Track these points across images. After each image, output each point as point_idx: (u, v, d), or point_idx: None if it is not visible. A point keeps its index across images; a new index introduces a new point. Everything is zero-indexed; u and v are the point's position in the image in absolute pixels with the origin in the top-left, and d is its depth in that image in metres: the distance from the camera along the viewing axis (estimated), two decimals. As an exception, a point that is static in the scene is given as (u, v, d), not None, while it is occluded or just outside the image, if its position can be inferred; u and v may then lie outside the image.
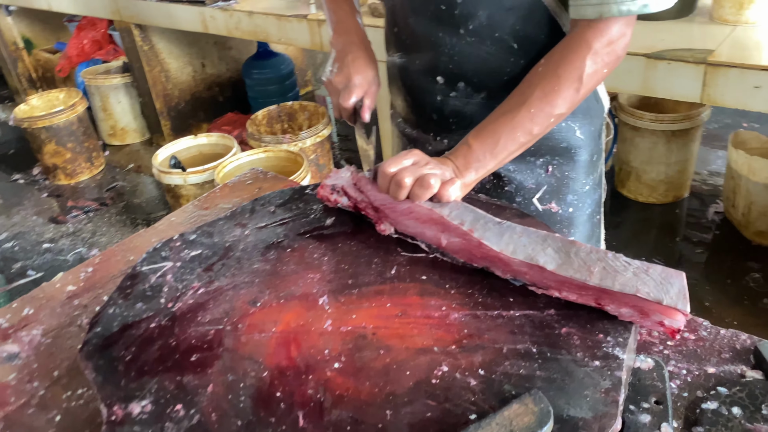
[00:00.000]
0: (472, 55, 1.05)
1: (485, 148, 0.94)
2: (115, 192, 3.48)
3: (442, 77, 1.10)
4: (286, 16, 2.59)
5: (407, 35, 1.12)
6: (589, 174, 1.17)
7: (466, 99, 1.10)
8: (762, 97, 1.60)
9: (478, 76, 1.07)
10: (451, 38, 1.05)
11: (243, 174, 1.35)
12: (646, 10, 0.91)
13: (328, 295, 0.83)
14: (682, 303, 0.73)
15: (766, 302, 2.22)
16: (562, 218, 1.18)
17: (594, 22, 0.93)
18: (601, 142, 1.19)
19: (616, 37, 0.94)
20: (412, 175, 0.88)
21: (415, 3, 1.07)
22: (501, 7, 1.00)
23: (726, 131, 3.29)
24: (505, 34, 1.02)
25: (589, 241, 1.23)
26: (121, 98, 3.81)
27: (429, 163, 0.91)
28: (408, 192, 0.88)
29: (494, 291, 0.82)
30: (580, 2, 0.93)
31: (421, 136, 1.21)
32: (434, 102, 1.13)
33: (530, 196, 1.15)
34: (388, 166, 0.89)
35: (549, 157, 1.13)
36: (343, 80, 1.09)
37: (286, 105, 3.21)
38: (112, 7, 3.32)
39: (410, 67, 1.14)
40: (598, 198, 1.22)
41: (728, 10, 1.81)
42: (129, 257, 1.12)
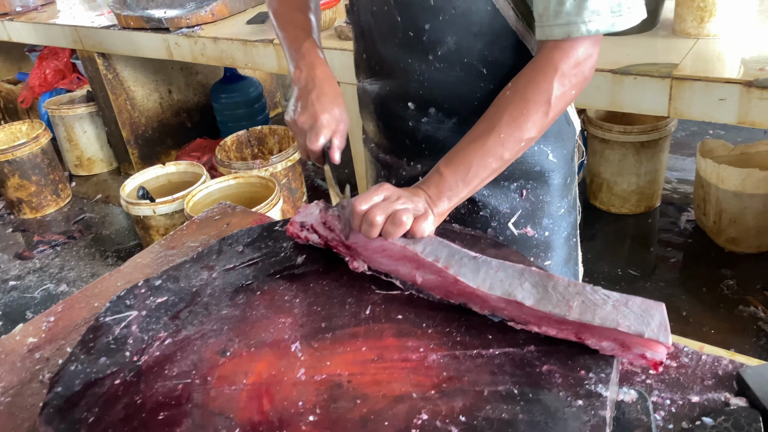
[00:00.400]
0: (442, 80, 1.04)
1: (457, 176, 0.92)
2: (83, 224, 3.40)
3: (413, 103, 1.09)
4: (252, 41, 2.57)
5: (377, 62, 1.11)
6: (563, 197, 1.17)
7: (437, 124, 1.09)
8: (727, 109, 1.61)
9: (448, 102, 1.07)
10: (420, 64, 1.04)
11: (211, 209, 1.32)
12: (613, 29, 0.90)
13: (301, 340, 0.80)
14: (664, 335, 0.72)
15: (741, 309, 2.24)
16: (539, 242, 1.16)
17: (560, 43, 0.92)
18: (574, 164, 1.18)
19: (583, 58, 0.93)
20: (383, 212, 0.85)
21: (384, 30, 1.06)
22: (469, 33, 0.99)
23: (693, 139, 3.33)
24: (473, 60, 1.02)
25: (566, 264, 1.22)
26: (86, 128, 3.74)
27: (401, 197, 0.89)
28: (380, 230, 0.85)
29: (473, 328, 0.80)
30: (547, 23, 0.92)
31: (394, 162, 1.19)
32: (406, 128, 1.12)
33: (505, 221, 1.14)
34: (358, 204, 0.87)
35: (523, 182, 1.12)
36: (309, 120, 1.00)
37: (255, 129, 3.18)
38: (74, 36, 3.26)
39: (381, 93, 1.13)
40: (573, 221, 1.21)
41: (690, 24, 1.83)
42: (93, 304, 1.08)
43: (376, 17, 1.05)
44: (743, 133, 3.21)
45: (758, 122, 1.58)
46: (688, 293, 2.36)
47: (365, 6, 1.07)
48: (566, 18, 0.90)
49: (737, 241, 2.45)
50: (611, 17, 0.90)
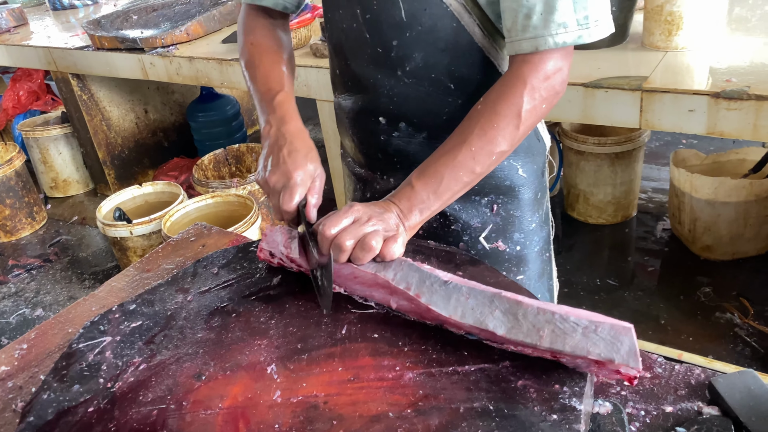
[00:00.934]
0: (411, 96, 1.06)
1: (429, 188, 0.93)
2: (59, 247, 3.36)
3: (383, 118, 1.10)
4: (228, 60, 2.57)
5: (349, 78, 1.12)
6: (534, 212, 1.18)
7: (408, 138, 1.11)
8: (696, 120, 1.64)
9: (417, 117, 1.08)
10: (390, 80, 1.06)
11: (186, 230, 1.31)
12: (580, 41, 0.92)
13: (277, 362, 0.80)
14: (633, 360, 0.72)
15: (718, 315, 2.26)
16: (511, 257, 1.17)
17: (529, 57, 0.93)
18: (544, 180, 1.20)
19: (552, 72, 0.94)
20: (352, 236, 0.85)
21: (354, 47, 1.07)
22: (435, 49, 1.01)
23: (667, 148, 3.39)
24: (441, 75, 1.03)
25: (540, 279, 1.22)
26: (61, 149, 3.70)
27: (371, 218, 0.88)
28: (349, 255, 0.86)
29: (448, 345, 0.80)
30: (515, 38, 0.94)
31: (369, 175, 1.21)
32: (378, 142, 1.14)
33: (477, 235, 1.15)
34: (327, 228, 0.87)
35: (494, 196, 1.14)
36: (282, 179, 0.94)
37: (233, 148, 3.17)
38: (48, 58, 3.24)
39: (355, 108, 1.14)
40: (546, 235, 1.22)
41: (658, 37, 1.86)
42: (67, 329, 1.06)
43: (347, 34, 1.07)
44: (715, 143, 3.27)
45: (726, 132, 1.61)
46: (665, 301, 2.38)
47: (336, 23, 1.08)
48: (533, 32, 0.91)
49: (712, 248, 2.49)
50: (578, 29, 0.91)
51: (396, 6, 0.98)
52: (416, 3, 0.97)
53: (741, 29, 1.96)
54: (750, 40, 1.86)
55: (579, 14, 0.91)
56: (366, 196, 1.22)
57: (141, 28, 2.90)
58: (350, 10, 1.03)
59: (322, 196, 0.97)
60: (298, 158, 0.95)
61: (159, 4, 3.25)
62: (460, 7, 0.97)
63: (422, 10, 0.97)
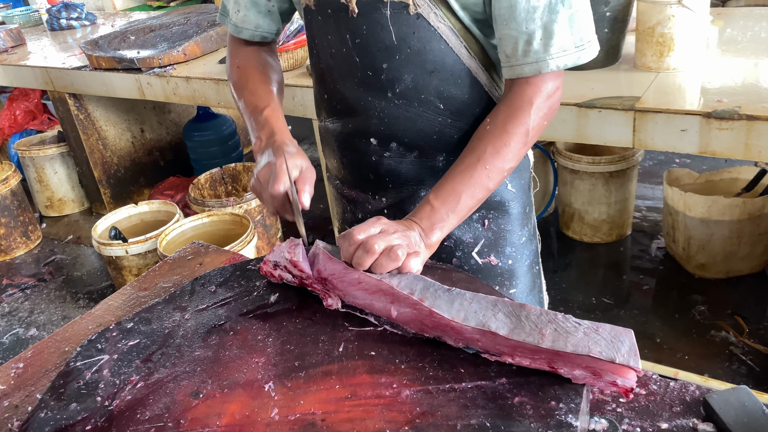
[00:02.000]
0: (401, 116, 1.09)
1: (447, 207, 0.97)
2: (54, 266, 3.35)
3: (374, 139, 1.13)
4: (224, 80, 2.59)
5: (338, 101, 1.14)
6: (523, 226, 1.21)
7: (399, 158, 1.13)
8: (689, 139, 1.66)
9: (408, 136, 1.11)
10: (380, 102, 1.08)
11: (183, 249, 1.31)
12: (579, 62, 0.98)
13: (274, 380, 0.80)
14: (634, 360, 0.74)
15: (713, 334, 2.27)
16: (503, 271, 1.20)
17: (531, 79, 0.99)
18: (530, 194, 1.24)
19: (552, 91, 1.01)
20: (383, 242, 0.88)
21: (343, 71, 1.09)
22: (424, 71, 1.04)
23: (660, 168, 3.41)
24: (430, 96, 1.06)
25: (531, 292, 1.25)
26: (57, 168, 3.71)
27: (396, 231, 0.91)
28: (374, 259, 0.87)
29: (445, 362, 0.81)
30: (516, 63, 0.98)
31: (359, 196, 1.22)
32: (369, 162, 1.16)
33: (469, 251, 1.18)
34: (356, 233, 0.89)
35: (484, 212, 1.16)
36: (268, 171, 0.99)
37: (229, 167, 3.18)
38: (45, 77, 3.26)
39: (343, 131, 1.16)
40: (534, 249, 1.25)
41: (650, 58, 1.89)
42: (64, 348, 1.06)
43: (335, 59, 1.09)
44: (708, 162, 3.30)
45: (718, 152, 1.63)
46: (661, 320, 2.39)
47: (324, 50, 1.10)
48: (535, 56, 0.97)
49: (706, 267, 2.50)
50: (576, 51, 0.97)
51: (385, 30, 1.01)
52: (405, 27, 1.00)
53: (731, 50, 1.99)
54: (740, 61, 1.89)
55: (575, 37, 0.96)
56: (358, 217, 1.23)
57: (138, 49, 2.92)
58: (339, 35, 1.06)
59: (313, 186, 1.00)
60: (284, 154, 0.99)
61: (156, 24, 3.28)
62: (447, 30, 1.01)
63: (411, 33, 1.01)
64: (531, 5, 0.94)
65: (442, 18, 1.00)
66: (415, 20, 1.00)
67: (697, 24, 1.80)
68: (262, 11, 1.18)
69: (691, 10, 1.75)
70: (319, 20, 1.08)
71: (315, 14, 1.08)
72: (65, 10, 3.98)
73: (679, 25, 1.79)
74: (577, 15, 0.96)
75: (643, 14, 1.85)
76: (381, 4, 0.99)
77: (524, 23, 0.95)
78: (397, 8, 0.99)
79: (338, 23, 1.04)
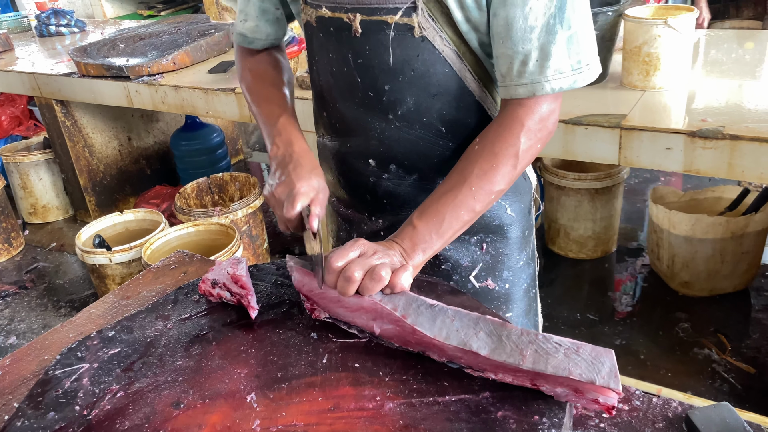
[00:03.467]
0: (402, 138, 1.06)
1: (430, 228, 0.94)
2: (36, 273, 3.31)
3: (373, 160, 1.10)
4: (213, 90, 2.59)
5: (337, 120, 1.12)
6: (522, 250, 1.19)
7: (398, 180, 1.11)
8: (674, 157, 1.68)
9: (408, 159, 1.08)
10: (381, 123, 1.06)
11: (167, 258, 1.30)
12: (575, 85, 0.95)
13: (257, 391, 0.79)
14: (614, 382, 0.73)
15: (696, 351, 2.28)
16: (500, 294, 1.18)
17: (525, 101, 0.96)
18: (531, 218, 1.21)
19: (547, 114, 0.97)
20: (361, 267, 0.85)
21: (343, 90, 1.07)
22: (427, 94, 1.02)
23: (646, 185, 3.44)
24: (432, 119, 1.04)
25: (527, 316, 1.23)
26: (42, 175, 3.68)
27: (376, 252, 0.89)
28: (357, 286, 0.85)
29: (429, 375, 0.81)
30: (511, 83, 0.96)
31: (355, 216, 1.20)
32: (367, 183, 1.13)
33: (467, 274, 1.16)
34: (334, 260, 0.87)
35: (483, 235, 1.14)
36: (285, 190, 0.97)
37: (216, 176, 3.17)
38: (32, 83, 3.24)
39: (342, 150, 1.14)
40: (532, 273, 1.23)
41: (636, 77, 1.91)
42: (43, 356, 1.04)
43: (336, 78, 1.07)
44: (692, 180, 3.34)
45: (703, 170, 1.64)
46: (645, 337, 2.40)
47: (325, 67, 1.08)
48: (530, 77, 0.94)
49: (690, 284, 2.52)
50: (573, 75, 0.94)
51: (388, 52, 0.99)
52: (409, 49, 0.98)
53: (716, 71, 2.02)
54: (725, 82, 1.92)
55: (573, 59, 0.94)
56: (352, 237, 1.20)
57: (127, 57, 2.92)
58: (340, 55, 1.04)
59: (325, 208, 0.99)
60: (302, 172, 0.98)
61: (146, 33, 3.27)
62: (452, 53, 0.99)
63: (415, 56, 0.99)
64: (528, 24, 0.91)
65: (447, 41, 0.98)
66: (419, 43, 0.98)
67: (683, 44, 1.83)
68: (270, 19, 1.16)
69: (676, 30, 1.78)
70: (321, 37, 1.05)
71: (316, 31, 1.06)
72: (54, 16, 3.97)
73: (665, 45, 1.82)
74: (577, 36, 0.93)
75: (629, 34, 1.87)
76: (385, 26, 0.97)
77: (520, 43, 0.93)
78: (402, 30, 0.97)
79: (340, 42, 1.02)
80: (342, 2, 0.99)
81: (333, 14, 1.01)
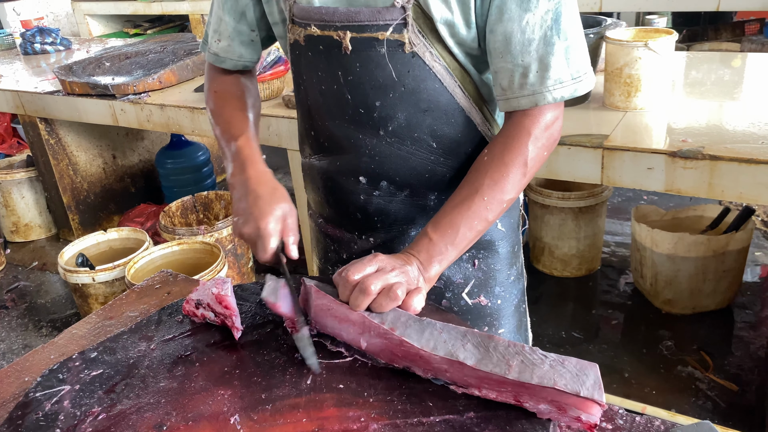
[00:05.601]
0: (393, 155, 1.07)
1: (446, 239, 0.96)
2: (17, 293, 3.27)
3: (364, 177, 1.10)
4: (199, 109, 2.59)
5: (326, 138, 1.12)
6: (512, 265, 1.20)
7: (389, 197, 1.11)
8: (655, 177, 1.70)
9: (400, 175, 1.09)
10: (371, 140, 1.06)
11: (151, 277, 1.29)
12: (576, 94, 0.97)
13: (240, 413, 0.79)
14: (598, 393, 0.75)
15: (679, 369, 2.30)
16: (492, 311, 1.18)
17: (529, 111, 0.98)
18: (519, 233, 1.22)
19: (551, 122, 0.99)
20: (380, 282, 0.86)
21: (333, 108, 1.07)
22: (418, 109, 1.03)
23: (629, 204, 3.48)
24: (423, 134, 1.05)
25: (518, 331, 1.23)
26: (24, 193, 3.64)
27: (394, 268, 0.89)
28: (371, 300, 0.85)
29: (413, 396, 0.81)
30: (512, 95, 0.97)
31: (344, 236, 1.19)
32: (357, 202, 1.13)
33: (459, 291, 1.16)
34: (352, 273, 0.87)
35: (474, 251, 1.15)
36: (253, 231, 0.95)
37: (201, 195, 3.16)
38: (16, 101, 3.22)
39: (330, 169, 1.14)
40: (522, 287, 1.24)
41: (618, 98, 1.94)
42: (24, 378, 1.03)
43: (325, 96, 1.07)
44: (674, 199, 3.38)
45: (684, 190, 1.67)
46: (629, 354, 2.41)
47: (313, 86, 1.08)
48: (531, 88, 0.96)
49: (673, 302, 2.54)
50: (573, 83, 0.96)
51: (380, 68, 1.00)
52: (399, 65, 0.99)
53: (696, 92, 2.05)
54: (705, 103, 1.95)
55: (572, 68, 0.96)
56: (342, 257, 1.21)
57: (113, 75, 2.91)
58: (330, 73, 1.04)
59: (298, 232, 0.98)
60: (263, 205, 0.96)
61: (132, 52, 3.27)
62: (442, 69, 1.00)
63: (406, 72, 1.00)
64: (526, 38, 0.93)
65: (437, 57, 0.99)
66: (410, 59, 0.99)
67: (663, 66, 1.86)
68: (245, 41, 1.16)
69: (656, 53, 1.81)
70: (309, 56, 1.05)
71: (304, 50, 1.05)
72: (40, 34, 3.96)
73: (645, 66, 1.85)
74: (573, 47, 0.96)
75: (611, 55, 1.91)
76: (376, 42, 0.98)
77: (520, 56, 0.94)
78: (393, 46, 0.98)
79: (330, 60, 1.03)
80: (331, 20, 0.99)
81: (322, 32, 1.01)
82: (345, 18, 0.98)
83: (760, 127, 1.72)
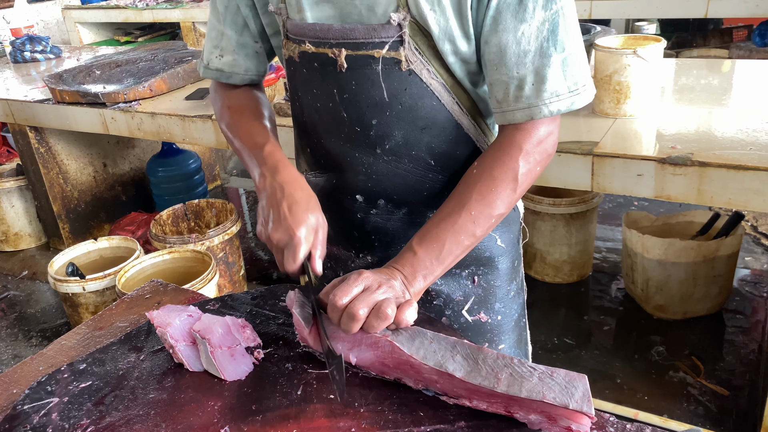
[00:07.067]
0: (391, 173, 1.05)
1: (431, 254, 0.93)
2: (7, 302, 3.24)
3: (361, 195, 1.09)
4: (190, 117, 2.58)
5: (322, 156, 1.10)
6: (512, 280, 1.19)
7: (387, 215, 1.10)
8: (645, 183, 1.71)
9: (397, 194, 1.07)
10: (368, 158, 1.04)
11: (141, 287, 1.29)
12: (573, 107, 0.94)
13: (230, 424, 0.79)
14: (587, 406, 0.74)
15: (671, 374, 2.30)
16: (492, 327, 1.17)
17: (521, 125, 0.95)
18: (519, 247, 1.21)
19: (545, 136, 0.96)
20: (366, 305, 0.83)
21: (329, 126, 1.05)
22: (415, 127, 1.01)
23: (620, 210, 3.49)
24: (421, 152, 1.03)
25: (518, 345, 1.23)
26: (14, 202, 3.62)
27: (381, 285, 0.86)
28: (362, 324, 0.83)
29: (404, 405, 0.81)
30: (508, 108, 0.95)
31: (342, 253, 1.18)
32: (354, 220, 1.12)
33: (459, 309, 1.15)
34: (338, 298, 0.84)
35: (474, 268, 1.14)
36: (284, 237, 0.90)
37: (192, 203, 3.15)
38: (5, 110, 3.20)
39: (327, 186, 1.12)
40: (522, 302, 1.23)
41: (608, 105, 1.95)
42: (12, 390, 1.02)
43: (321, 114, 1.05)
44: (665, 205, 3.39)
45: (673, 196, 1.68)
46: (621, 360, 2.41)
47: (309, 103, 1.06)
48: (527, 101, 0.93)
49: (664, 308, 2.55)
50: (570, 96, 0.93)
51: (376, 86, 0.98)
52: (396, 83, 0.97)
53: (685, 99, 2.07)
54: (694, 109, 1.97)
55: (569, 81, 0.93)
56: (338, 275, 1.18)
57: (104, 83, 2.91)
58: (325, 90, 1.02)
59: (325, 246, 0.95)
60: (298, 212, 0.92)
61: (123, 60, 3.27)
62: (439, 86, 0.98)
63: (402, 89, 0.98)
64: (521, 49, 0.91)
65: (434, 74, 0.97)
66: (406, 76, 0.96)
67: (652, 73, 1.87)
68: (250, 54, 1.13)
69: (645, 60, 1.83)
70: (304, 73, 1.03)
71: (299, 67, 1.03)
72: (30, 42, 3.95)
73: (634, 73, 1.86)
74: (571, 59, 0.93)
75: (600, 63, 1.92)
76: (372, 60, 0.95)
77: (515, 68, 0.92)
78: (389, 64, 0.95)
79: (325, 77, 1.00)
80: (326, 37, 0.97)
81: (317, 50, 0.99)
82: (340, 35, 0.96)
83: (748, 133, 1.74)
